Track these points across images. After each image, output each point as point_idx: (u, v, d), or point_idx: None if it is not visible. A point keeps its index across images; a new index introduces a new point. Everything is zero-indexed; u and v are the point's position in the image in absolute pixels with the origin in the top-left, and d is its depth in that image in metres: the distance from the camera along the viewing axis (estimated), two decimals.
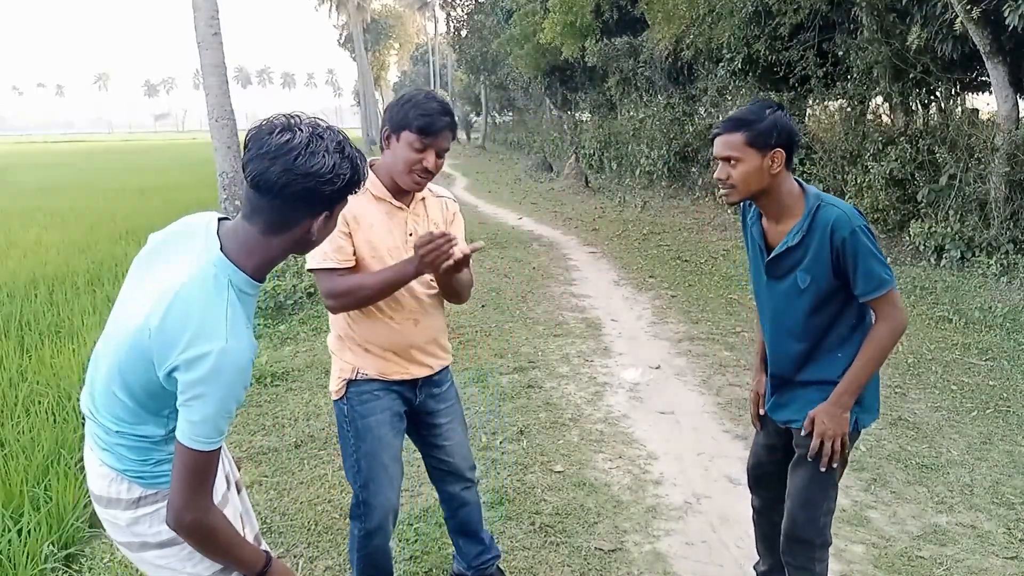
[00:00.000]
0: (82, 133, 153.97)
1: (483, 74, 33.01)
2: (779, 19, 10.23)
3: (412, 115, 2.06)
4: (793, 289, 2.08)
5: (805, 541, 2.18)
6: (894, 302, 2.00)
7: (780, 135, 1.97)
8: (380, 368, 2.25)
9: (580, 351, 5.55)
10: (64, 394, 4.21)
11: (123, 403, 1.47)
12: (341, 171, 1.41)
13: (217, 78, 8.31)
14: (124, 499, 1.54)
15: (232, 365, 1.36)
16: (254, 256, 1.46)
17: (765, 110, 1.99)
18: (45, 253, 8.42)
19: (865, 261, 1.95)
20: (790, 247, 2.04)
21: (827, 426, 2.05)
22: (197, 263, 1.42)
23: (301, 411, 4.40)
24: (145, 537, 1.55)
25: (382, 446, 2.26)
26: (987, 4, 6.89)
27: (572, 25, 15.67)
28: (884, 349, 2.02)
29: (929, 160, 8.52)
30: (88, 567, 2.92)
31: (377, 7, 50.94)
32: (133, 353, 1.41)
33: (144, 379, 1.41)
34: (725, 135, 2.01)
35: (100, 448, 1.54)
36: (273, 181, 1.37)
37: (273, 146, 1.37)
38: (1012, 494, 3.36)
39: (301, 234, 1.46)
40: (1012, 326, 5.81)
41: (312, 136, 1.40)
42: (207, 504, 1.43)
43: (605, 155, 18.85)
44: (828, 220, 1.97)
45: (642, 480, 3.58)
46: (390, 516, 2.31)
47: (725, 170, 2.02)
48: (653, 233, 10.90)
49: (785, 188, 2.04)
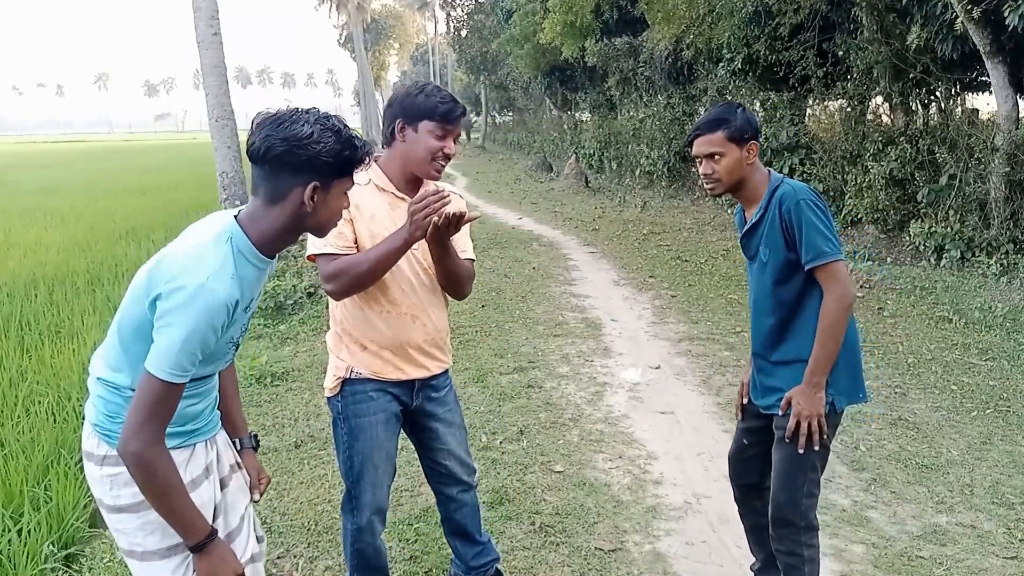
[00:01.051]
0: (82, 133, 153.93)
1: (483, 74, 33.01)
2: (779, 19, 10.23)
3: (431, 103, 2.10)
4: (760, 265, 2.26)
5: (789, 523, 2.24)
6: (836, 275, 2.12)
7: (751, 129, 2.20)
8: (375, 367, 2.23)
9: (580, 351, 5.55)
10: (64, 394, 4.21)
11: (112, 346, 1.60)
12: (320, 138, 1.51)
13: (217, 78, 8.31)
14: (95, 454, 1.63)
15: (205, 302, 1.44)
16: (257, 223, 1.57)
17: (735, 109, 2.22)
18: (45, 253, 8.41)
19: (808, 231, 2.10)
20: (753, 224, 2.25)
21: (802, 407, 2.16)
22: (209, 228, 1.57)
23: (301, 411, 4.40)
24: (108, 498, 1.62)
25: (375, 446, 2.26)
26: (987, 4, 6.89)
27: (572, 25, 15.66)
28: (835, 323, 2.11)
29: (929, 160, 8.52)
30: (88, 567, 2.92)
31: (377, 7, 50.96)
32: (132, 293, 1.55)
33: (133, 315, 1.54)
34: (707, 134, 2.21)
35: (88, 402, 1.66)
36: (257, 147, 1.52)
37: (261, 120, 1.55)
38: (1012, 494, 3.36)
39: (295, 205, 1.56)
40: (1012, 326, 5.82)
41: (299, 111, 1.55)
42: (154, 438, 1.47)
43: (605, 155, 18.85)
44: (781, 195, 2.17)
45: (642, 480, 3.58)
46: (377, 515, 2.33)
47: (710, 165, 2.22)
48: (653, 233, 10.90)
49: (757, 176, 2.25)
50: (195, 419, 1.68)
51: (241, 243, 1.55)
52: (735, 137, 2.18)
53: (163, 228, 10.19)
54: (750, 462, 2.50)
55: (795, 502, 2.22)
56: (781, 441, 2.25)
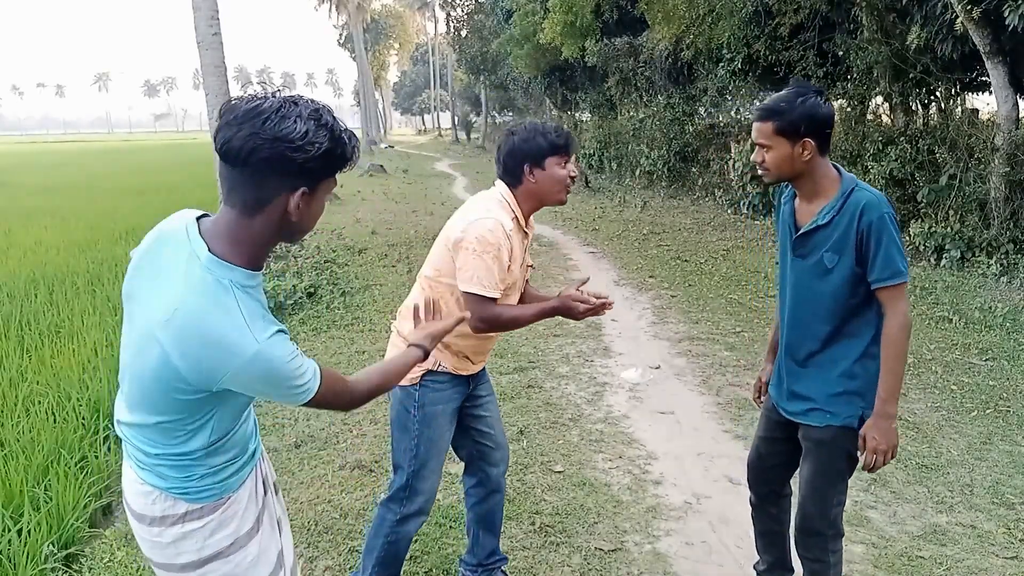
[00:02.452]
0: (82, 133, 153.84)
1: (483, 74, 32.97)
2: (779, 19, 10.24)
3: (548, 140, 2.28)
4: (818, 268, 2.10)
5: (818, 533, 2.21)
6: (903, 296, 2.03)
7: (810, 125, 2.00)
8: (456, 365, 2.39)
9: (580, 351, 5.55)
10: (64, 394, 4.21)
11: (158, 426, 1.43)
12: (315, 139, 1.30)
13: (217, 78, 8.31)
14: (170, 515, 1.50)
15: (271, 362, 1.33)
16: (242, 245, 1.37)
17: (798, 98, 2.01)
18: (45, 253, 8.41)
19: (887, 247, 1.98)
20: (819, 225, 2.08)
21: (879, 442, 2.05)
22: (189, 275, 1.33)
23: (301, 411, 4.40)
24: (189, 556, 1.51)
25: (441, 435, 2.40)
26: (987, 4, 6.89)
27: (572, 25, 15.66)
28: (904, 347, 2.04)
29: (929, 160, 8.52)
30: (88, 567, 2.92)
31: (377, 7, 50.93)
32: (163, 384, 1.35)
33: (182, 401, 1.37)
34: (758, 122, 2.08)
35: (139, 467, 1.51)
36: (239, 147, 1.28)
37: (241, 112, 1.30)
38: (1012, 494, 3.36)
39: (279, 214, 1.36)
40: (1012, 326, 5.81)
41: (285, 102, 1.31)
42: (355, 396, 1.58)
43: (605, 155, 18.85)
44: (859, 203, 2.01)
45: (642, 480, 3.58)
46: (429, 503, 2.43)
47: (760, 154, 2.09)
48: (653, 233, 10.90)
49: (819, 172, 2.08)
50: (252, 438, 1.64)
51: (238, 277, 1.35)
52: (785, 132, 2.01)
53: None
54: (771, 471, 2.44)
55: (825, 513, 2.20)
56: (811, 453, 2.20)
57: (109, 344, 5.07)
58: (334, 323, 6.25)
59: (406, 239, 10.53)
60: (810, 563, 2.26)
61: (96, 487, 3.41)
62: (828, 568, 2.23)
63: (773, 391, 2.36)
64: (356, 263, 8.83)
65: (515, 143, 2.29)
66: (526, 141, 2.28)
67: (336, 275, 8.00)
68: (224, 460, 1.51)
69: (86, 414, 3.99)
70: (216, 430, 1.45)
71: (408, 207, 14.30)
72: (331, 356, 5.32)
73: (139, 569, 2.86)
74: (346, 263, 8.79)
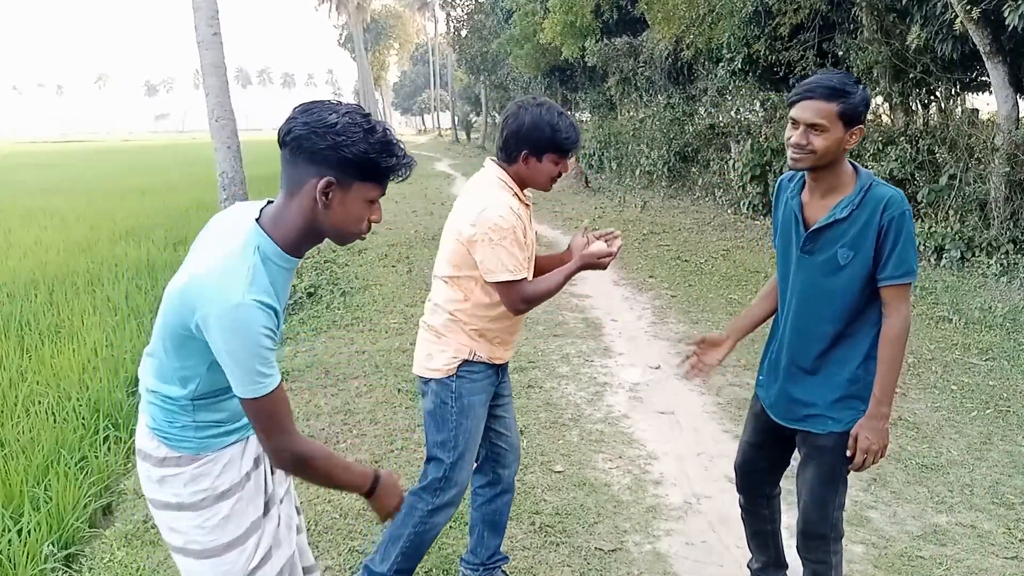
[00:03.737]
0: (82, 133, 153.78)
1: (483, 74, 32.97)
2: (779, 19, 10.24)
3: (558, 139, 2.27)
4: (829, 265, 2.03)
5: (820, 536, 2.21)
6: (907, 297, 2.00)
7: (865, 113, 1.95)
8: (491, 353, 2.41)
9: (580, 351, 5.55)
10: (64, 394, 4.21)
11: (159, 359, 1.58)
12: (346, 130, 1.44)
13: (217, 78, 8.30)
14: (153, 455, 1.63)
15: (244, 321, 1.40)
16: (281, 224, 1.51)
17: (857, 84, 1.93)
18: (45, 253, 8.41)
19: (905, 245, 1.94)
20: (837, 219, 2.00)
21: (871, 441, 2.04)
22: (233, 238, 1.50)
23: (301, 411, 4.40)
24: (166, 497, 1.64)
25: (478, 424, 2.43)
26: (987, 4, 6.89)
27: (572, 25, 15.67)
28: (901, 349, 2.01)
29: (929, 160, 8.52)
30: (88, 567, 2.92)
31: (377, 7, 50.95)
32: (167, 308, 1.51)
33: (174, 332, 1.50)
34: (818, 101, 1.92)
35: (144, 403, 1.66)
36: (285, 130, 1.47)
37: (299, 108, 1.50)
38: (1012, 494, 3.36)
39: (310, 199, 1.48)
40: (1012, 326, 5.81)
41: (339, 104, 1.49)
42: (292, 437, 1.52)
43: (605, 155, 18.84)
44: (883, 197, 1.95)
45: (642, 480, 3.58)
46: (462, 494, 2.45)
47: (807, 136, 1.94)
48: (653, 233, 10.90)
49: (843, 165, 2.02)
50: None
51: (268, 249, 1.50)
52: (847, 116, 1.91)
53: (163, 228, 10.19)
54: (760, 474, 2.44)
55: (827, 517, 2.19)
56: (810, 459, 2.18)
57: (109, 344, 5.07)
58: (334, 323, 6.25)
59: (406, 239, 10.53)
60: (813, 564, 2.26)
61: (96, 487, 3.41)
62: (831, 569, 2.23)
63: (762, 393, 2.32)
64: (356, 263, 8.84)
65: (523, 127, 2.27)
66: (535, 129, 2.26)
67: (336, 275, 8.01)
68: (212, 419, 1.62)
69: (86, 414, 3.99)
70: (202, 386, 1.56)
71: (408, 207, 14.30)
72: (331, 356, 5.32)
73: (139, 569, 2.86)
74: (346, 263, 8.79)
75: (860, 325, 2.07)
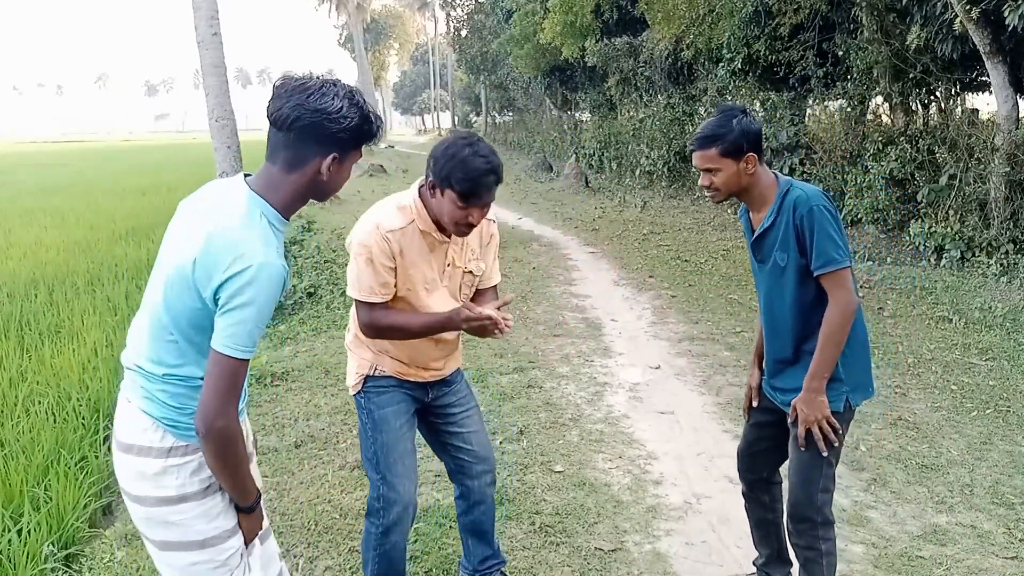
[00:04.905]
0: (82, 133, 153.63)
1: (483, 74, 32.99)
2: (779, 19, 10.24)
3: (456, 176, 2.02)
4: (776, 270, 2.26)
5: (806, 519, 2.28)
6: (843, 283, 2.13)
7: (749, 141, 2.16)
8: (398, 369, 2.34)
9: (580, 351, 5.55)
10: (64, 394, 4.21)
11: (168, 345, 1.60)
12: (348, 114, 1.57)
13: (217, 78, 8.30)
14: (157, 447, 1.62)
15: (268, 278, 1.49)
16: (278, 191, 1.61)
17: (731, 120, 2.17)
18: (45, 253, 8.41)
19: (820, 238, 2.11)
20: (765, 228, 2.24)
21: (807, 412, 2.19)
22: (234, 201, 1.59)
23: (301, 411, 4.40)
24: (168, 490, 1.62)
25: (398, 437, 2.32)
26: (987, 4, 6.89)
27: (572, 25, 15.67)
28: (837, 330, 2.14)
29: (929, 160, 8.52)
30: (88, 567, 2.92)
31: (377, 7, 50.92)
32: (179, 287, 1.54)
33: (190, 310, 1.54)
34: (701, 150, 2.20)
35: (143, 397, 1.65)
36: (286, 115, 1.55)
37: (291, 87, 1.58)
38: (1012, 494, 3.36)
39: (313, 173, 1.61)
40: (1012, 326, 5.81)
41: (326, 82, 1.59)
42: (234, 412, 1.54)
43: (605, 155, 18.85)
44: (793, 199, 2.16)
45: (642, 480, 3.58)
46: (408, 509, 2.34)
47: (708, 178, 2.23)
48: (653, 233, 10.90)
49: (762, 182, 2.23)
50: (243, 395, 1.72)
51: (269, 214, 1.60)
52: (729, 152, 2.16)
53: (163, 228, 10.11)
54: (760, 456, 2.53)
55: (812, 498, 2.26)
56: (795, 440, 2.28)
57: (109, 344, 5.07)
58: (334, 323, 6.25)
59: None
60: (803, 551, 2.33)
61: (96, 487, 3.41)
62: (820, 556, 2.30)
63: (767, 384, 2.45)
64: None
65: (438, 155, 2.08)
66: (443, 157, 2.05)
67: (336, 275, 7.99)
68: None
69: (86, 414, 3.99)
70: None
71: None
72: (331, 356, 5.31)
73: (139, 569, 2.86)
74: (346, 263, 8.77)
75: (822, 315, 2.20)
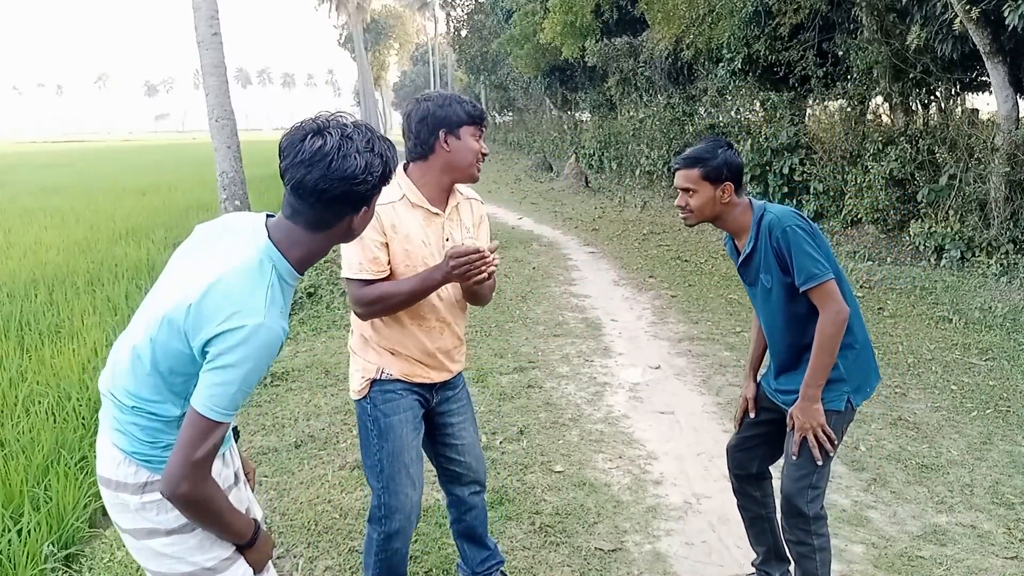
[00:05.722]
0: (82, 133, 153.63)
1: (483, 74, 32.96)
2: (779, 19, 10.23)
3: (465, 110, 2.17)
4: (764, 291, 2.34)
5: (798, 514, 2.32)
6: (829, 294, 2.19)
7: (730, 171, 2.28)
8: (405, 370, 2.27)
9: (580, 351, 5.55)
10: (64, 394, 4.21)
11: (147, 379, 1.50)
12: (373, 169, 1.49)
13: (217, 78, 8.31)
14: (131, 483, 1.55)
15: (262, 341, 1.41)
16: (299, 249, 1.53)
17: (717, 149, 2.29)
18: (45, 253, 8.41)
19: (798, 256, 2.19)
20: (748, 254, 2.33)
21: (803, 420, 2.25)
22: (246, 250, 1.49)
23: (301, 411, 4.40)
24: (156, 524, 1.55)
25: (404, 446, 2.26)
26: (987, 4, 6.89)
27: (572, 25, 15.65)
28: (830, 339, 2.20)
29: (929, 160, 8.51)
30: (88, 567, 2.92)
31: (377, 7, 50.95)
32: (169, 327, 1.45)
33: (176, 352, 1.46)
34: (684, 170, 2.31)
35: (114, 429, 1.57)
36: (311, 187, 1.45)
37: (307, 153, 1.45)
38: (1012, 494, 3.36)
39: (343, 230, 1.55)
40: (1012, 326, 5.81)
41: (343, 139, 1.47)
42: (205, 475, 1.44)
43: (605, 155, 18.85)
44: (767, 225, 2.25)
45: (642, 480, 3.58)
46: (411, 518, 2.30)
47: (684, 199, 2.33)
48: (653, 233, 10.90)
49: (737, 210, 2.33)
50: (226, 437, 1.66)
51: (283, 268, 1.51)
52: (710, 177, 2.26)
53: (163, 228, 10.19)
54: (750, 452, 2.56)
55: (802, 492, 2.29)
56: (791, 433, 2.31)
57: (109, 344, 5.07)
58: (334, 323, 6.25)
59: None
60: (795, 547, 2.36)
61: (96, 487, 3.41)
62: (813, 552, 2.32)
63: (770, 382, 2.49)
64: None
65: (429, 108, 2.16)
66: (442, 107, 2.16)
67: (336, 275, 8.00)
68: None
69: (86, 414, 3.99)
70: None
71: None
72: (331, 356, 5.32)
73: (139, 569, 2.85)
74: None
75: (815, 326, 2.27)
